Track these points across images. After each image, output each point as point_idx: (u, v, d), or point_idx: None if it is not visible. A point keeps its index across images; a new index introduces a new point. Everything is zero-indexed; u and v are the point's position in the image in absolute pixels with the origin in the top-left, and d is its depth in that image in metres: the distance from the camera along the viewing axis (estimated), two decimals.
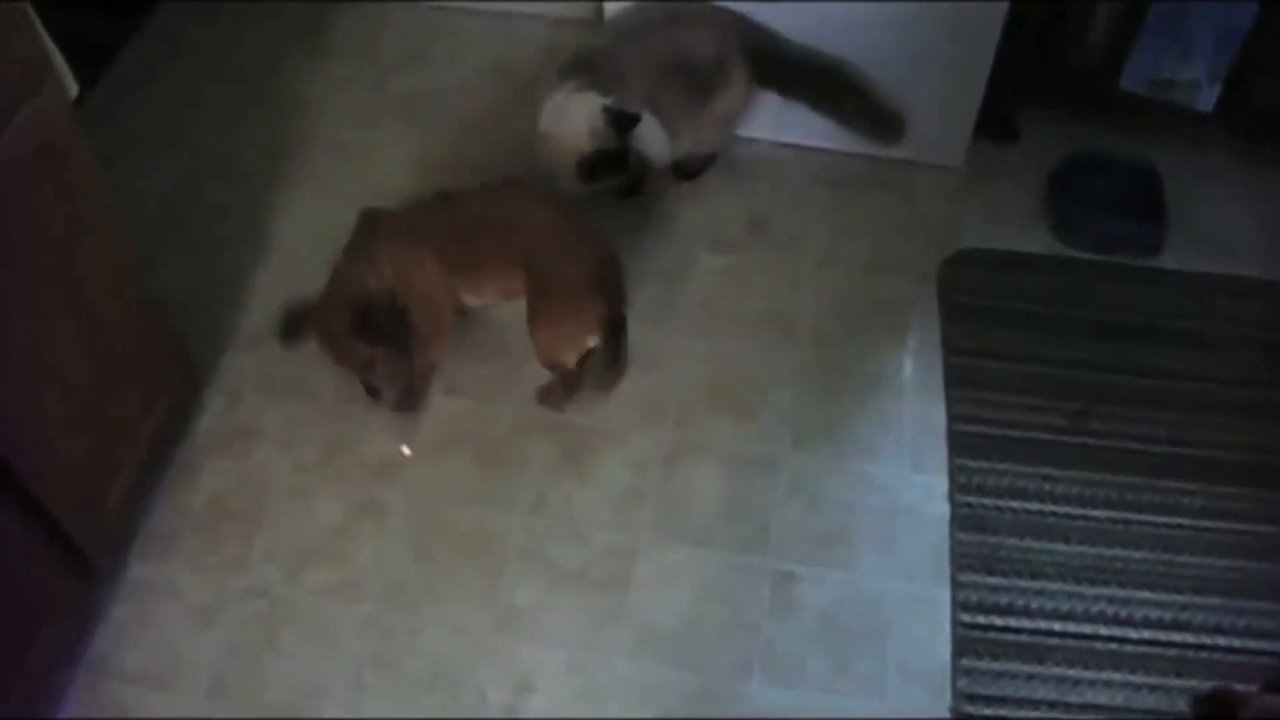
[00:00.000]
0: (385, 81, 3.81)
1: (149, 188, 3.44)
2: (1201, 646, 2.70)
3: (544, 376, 2.97)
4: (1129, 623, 2.73)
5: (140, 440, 2.71)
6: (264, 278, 3.28)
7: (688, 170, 3.51)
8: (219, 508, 2.84)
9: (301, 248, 3.33)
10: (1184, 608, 2.75)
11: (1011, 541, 2.81)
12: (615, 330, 2.89)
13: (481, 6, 3.99)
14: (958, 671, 2.63)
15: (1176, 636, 2.71)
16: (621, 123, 3.05)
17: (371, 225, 2.89)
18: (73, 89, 2.55)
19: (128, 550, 2.74)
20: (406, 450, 2.94)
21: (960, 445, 3.00)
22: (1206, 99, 3.48)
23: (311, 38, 3.94)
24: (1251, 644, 2.70)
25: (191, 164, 3.55)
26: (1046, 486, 2.93)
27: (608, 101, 3.05)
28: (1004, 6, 3.18)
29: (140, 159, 3.53)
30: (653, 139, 3.20)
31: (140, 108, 3.70)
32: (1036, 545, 2.83)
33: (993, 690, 2.62)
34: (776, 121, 3.53)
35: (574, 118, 3.08)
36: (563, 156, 3.11)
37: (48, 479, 2.32)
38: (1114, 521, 2.88)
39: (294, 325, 2.86)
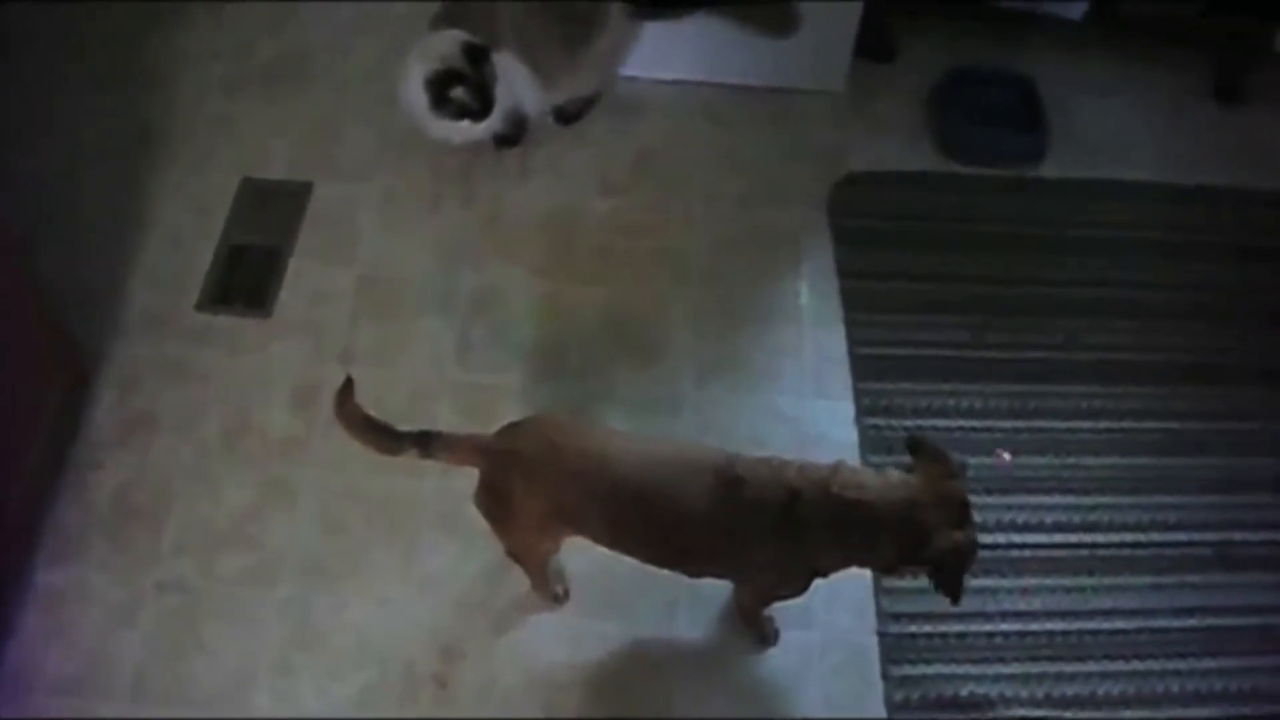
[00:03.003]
0: (250, 49, 3.67)
1: (17, 174, 3.29)
2: (1110, 544, 2.78)
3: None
4: (1040, 528, 2.80)
5: (34, 441, 2.64)
6: (148, 259, 3.18)
7: (569, 114, 3.47)
8: (124, 502, 2.77)
9: (183, 225, 3.25)
10: (1091, 509, 2.83)
11: None
12: None
13: None
14: (879, 592, 2.67)
15: (1086, 537, 2.79)
16: (474, 54, 2.99)
17: None
18: None
19: (33, 558, 2.66)
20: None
21: (862, 369, 3.02)
22: (1077, 8, 3.53)
23: (166, 12, 3.75)
24: (1158, 537, 2.79)
25: (60, 146, 3.41)
26: (950, 402, 2.98)
27: (466, 37, 3.00)
28: None
29: (5, 144, 3.38)
30: (524, 88, 3.16)
31: None
32: None
33: (914, 607, 2.66)
34: (656, 58, 3.49)
35: (430, 47, 3.02)
36: (416, 82, 3.04)
37: None
38: (1018, 431, 2.94)
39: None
